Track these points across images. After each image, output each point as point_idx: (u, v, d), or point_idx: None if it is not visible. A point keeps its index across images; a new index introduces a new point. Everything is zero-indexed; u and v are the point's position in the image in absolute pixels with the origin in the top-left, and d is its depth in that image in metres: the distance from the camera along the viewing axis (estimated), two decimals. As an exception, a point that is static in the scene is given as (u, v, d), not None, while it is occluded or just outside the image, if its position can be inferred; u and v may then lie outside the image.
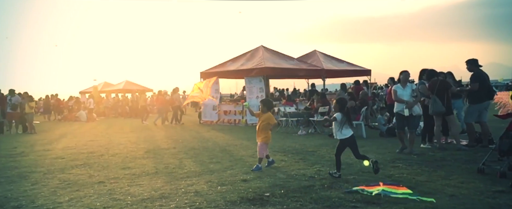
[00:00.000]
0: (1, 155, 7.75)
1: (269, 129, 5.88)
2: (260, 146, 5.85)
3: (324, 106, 11.10)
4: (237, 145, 8.66)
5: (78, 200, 4.26)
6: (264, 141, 5.84)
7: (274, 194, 4.33)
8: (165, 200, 4.20)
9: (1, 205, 4.08)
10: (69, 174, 5.67)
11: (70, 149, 8.50)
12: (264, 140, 5.84)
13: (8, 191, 4.71)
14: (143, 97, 18.87)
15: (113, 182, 5.12)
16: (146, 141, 9.88)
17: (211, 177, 5.28)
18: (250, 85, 14.58)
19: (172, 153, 7.60)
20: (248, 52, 16.08)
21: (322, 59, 16.42)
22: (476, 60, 7.28)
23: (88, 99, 22.30)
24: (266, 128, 5.85)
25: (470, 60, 7.30)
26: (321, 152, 7.23)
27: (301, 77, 19.21)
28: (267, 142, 5.88)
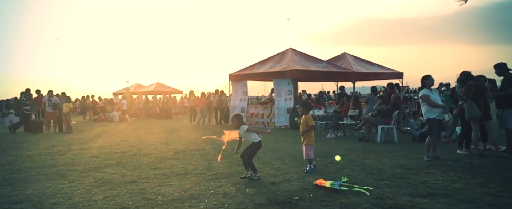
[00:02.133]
0: (40, 153, 8.12)
1: (309, 131, 5.85)
2: (304, 149, 5.86)
3: (355, 109, 10.90)
4: (265, 148, 8.58)
5: (112, 198, 4.38)
6: (306, 143, 5.85)
7: (303, 198, 4.28)
8: (195, 201, 4.25)
9: (40, 202, 4.27)
10: (103, 173, 5.86)
11: (104, 149, 8.79)
12: (306, 142, 5.86)
13: (47, 188, 4.92)
14: (192, 98, 19.17)
15: (145, 181, 5.23)
16: (176, 142, 10.05)
17: (239, 179, 5.29)
18: (278, 88, 14.55)
19: (201, 154, 7.69)
20: (277, 54, 16.07)
21: (352, 62, 16.15)
22: (505, 64, 7.01)
23: (121, 100, 23.04)
24: (306, 129, 5.86)
25: (498, 64, 7.02)
26: (351, 156, 7.09)
27: (330, 80, 18.98)
28: (309, 143, 5.84)
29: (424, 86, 6.76)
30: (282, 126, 14.11)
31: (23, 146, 9.67)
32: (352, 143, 8.99)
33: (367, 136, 9.50)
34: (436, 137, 6.62)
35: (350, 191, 4.52)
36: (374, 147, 8.31)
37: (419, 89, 8.31)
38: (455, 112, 7.61)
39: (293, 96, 14.18)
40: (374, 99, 11.06)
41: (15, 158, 7.50)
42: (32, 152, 8.40)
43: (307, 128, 5.82)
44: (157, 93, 28.15)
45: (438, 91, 6.91)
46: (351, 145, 8.59)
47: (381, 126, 9.34)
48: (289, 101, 14.13)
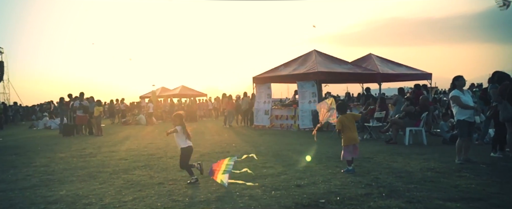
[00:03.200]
0: (72, 156, 8.43)
1: (346, 131, 5.88)
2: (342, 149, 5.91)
3: (381, 111, 10.68)
4: (289, 150, 8.62)
5: (141, 200, 4.49)
6: (343, 144, 5.88)
7: (329, 201, 4.24)
8: (221, 203, 4.29)
9: (74, 202, 4.43)
10: (132, 175, 6.01)
11: (132, 151, 9.02)
12: (343, 143, 5.89)
13: (80, 189, 5.10)
14: (225, 100, 19.44)
15: (172, 183, 5.33)
16: (201, 144, 10.17)
17: (265, 182, 5.30)
18: (302, 90, 14.48)
19: (226, 157, 7.73)
20: (301, 56, 16.01)
21: (377, 63, 15.85)
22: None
23: (147, 103, 23.55)
24: (342, 130, 5.90)
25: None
26: (377, 159, 6.95)
27: (356, 81, 18.72)
28: (346, 144, 5.85)
29: (454, 87, 6.55)
30: (306, 128, 14.01)
31: (56, 148, 10.06)
32: (379, 146, 8.82)
33: (395, 138, 9.29)
34: (467, 139, 6.38)
35: (379, 195, 4.43)
36: (402, 150, 8.11)
37: (449, 90, 8.06)
38: (489, 114, 7.32)
39: (317, 99, 14.07)
40: (401, 100, 10.81)
41: (49, 160, 7.81)
42: (64, 154, 8.73)
43: (342, 128, 5.92)
44: (182, 96, 28.60)
45: (470, 92, 6.65)
46: (377, 148, 8.43)
47: (409, 128, 9.12)
48: (313, 104, 14.01)
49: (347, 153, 5.83)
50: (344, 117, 5.98)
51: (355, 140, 5.89)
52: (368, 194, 4.46)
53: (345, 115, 6.01)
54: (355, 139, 5.91)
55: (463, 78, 6.57)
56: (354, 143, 5.87)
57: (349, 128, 5.90)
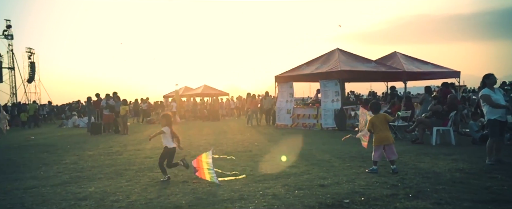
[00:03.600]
0: (100, 153, 8.68)
1: (377, 131, 5.80)
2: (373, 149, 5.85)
3: (407, 110, 10.43)
4: (312, 149, 8.56)
5: (166, 197, 4.57)
6: (373, 144, 5.80)
7: (354, 201, 4.18)
8: (244, 202, 4.30)
9: (102, 199, 4.56)
10: (157, 173, 6.12)
11: (157, 149, 9.17)
12: (373, 143, 5.81)
13: (107, 186, 5.25)
14: (249, 100, 19.59)
15: (196, 182, 5.39)
16: (224, 143, 10.26)
17: (288, 181, 5.28)
18: (325, 89, 14.33)
19: (248, 156, 7.78)
20: (323, 55, 15.87)
21: (403, 61, 15.51)
22: None
23: (170, 103, 23.96)
24: (373, 130, 5.84)
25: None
26: (403, 159, 6.79)
27: (380, 80, 18.38)
28: (377, 144, 5.76)
29: (485, 85, 6.32)
30: (329, 128, 13.87)
31: (84, 146, 10.39)
32: (405, 145, 8.62)
33: (421, 138, 9.05)
34: (498, 139, 6.15)
35: (405, 195, 4.33)
36: (429, 150, 7.90)
37: (479, 89, 7.77)
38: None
39: (340, 98, 13.91)
40: (428, 99, 10.52)
41: (78, 158, 8.08)
42: (92, 152, 9.00)
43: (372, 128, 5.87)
44: (204, 95, 28.89)
45: (502, 90, 6.39)
46: (403, 148, 8.24)
47: (436, 128, 8.87)
48: (336, 103, 13.87)
49: (377, 154, 5.72)
50: (375, 117, 5.88)
51: (386, 140, 5.74)
52: (394, 195, 4.37)
53: (377, 115, 5.90)
54: (386, 139, 5.75)
55: (494, 76, 6.33)
56: (386, 143, 5.72)
57: (380, 128, 5.77)
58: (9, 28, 30.59)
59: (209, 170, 5.24)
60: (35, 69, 32.74)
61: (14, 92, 31.55)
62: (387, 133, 5.83)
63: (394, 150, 5.75)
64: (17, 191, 5.04)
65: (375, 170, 5.65)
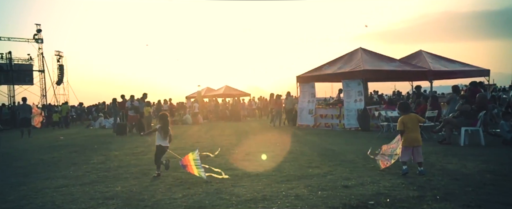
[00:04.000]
0: (125, 154, 8.88)
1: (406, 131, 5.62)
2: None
3: (434, 110, 10.16)
4: (335, 150, 8.47)
5: (190, 197, 4.63)
6: (402, 145, 5.63)
7: (379, 203, 4.11)
8: (267, 202, 4.30)
9: (128, 198, 4.67)
10: (181, 173, 6.20)
11: (180, 150, 9.30)
12: (402, 144, 5.64)
13: (133, 185, 5.37)
14: (273, 100, 19.68)
15: (219, 182, 5.43)
16: (245, 144, 10.30)
17: (311, 182, 5.25)
18: (348, 89, 14.16)
19: (270, 156, 7.78)
20: (346, 55, 15.69)
21: (429, 60, 15.13)
22: None
23: (193, 103, 24.26)
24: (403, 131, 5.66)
25: None
26: (430, 160, 6.62)
27: (405, 79, 17.99)
28: (404, 145, 5.59)
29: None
30: (352, 128, 13.69)
31: (110, 146, 10.66)
32: (431, 146, 8.39)
33: (449, 139, 8.79)
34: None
35: (432, 197, 4.22)
36: (457, 151, 7.66)
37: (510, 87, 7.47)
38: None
39: (363, 97, 13.70)
40: (456, 99, 10.21)
41: (105, 158, 8.30)
42: (118, 152, 9.22)
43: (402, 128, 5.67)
44: (226, 96, 29.10)
45: None
46: (430, 148, 8.03)
47: (464, 128, 8.59)
48: (360, 103, 13.67)
49: (405, 154, 5.55)
50: (406, 117, 5.70)
51: (416, 142, 5.57)
52: (421, 197, 4.26)
53: (408, 115, 5.72)
54: (416, 140, 5.58)
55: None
56: (415, 145, 5.55)
57: (411, 129, 5.59)
58: (39, 33, 31.76)
59: (197, 166, 5.59)
60: (63, 72, 33.88)
61: (44, 94, 32.72)
62: (417, 134, 5.65)
63: (421, 152, 5.59)
64: (48, 190, 5.23)
65: (406, 170, 5.46)
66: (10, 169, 7.24)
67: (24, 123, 15.16)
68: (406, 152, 5.56)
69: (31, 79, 32.77)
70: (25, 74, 32.36)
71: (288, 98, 18.04)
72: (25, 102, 15.55)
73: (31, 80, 32.74)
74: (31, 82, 32.71)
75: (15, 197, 4.90)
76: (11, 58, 30.77)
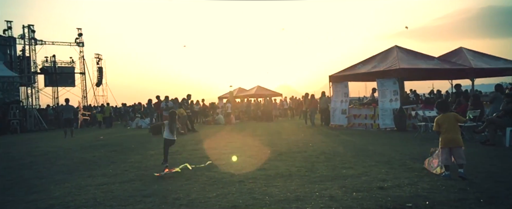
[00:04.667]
0: (161, 153, 9.03)
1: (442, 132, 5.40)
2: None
3: (476, 110, 9.68)
4: (370, 151, 8.27)
5: (223, 196, 4.69)
6: (440, 146, 5.41)
7: (417, 205, 3.97)
8: (301, 203, 4.28)
9: (165, 196, 4.80)
10: (214, 172, 6.31)
11: (213, 149, 9.47)
12: (439, 145, 5.41)
13: (169, 184, 5.51)
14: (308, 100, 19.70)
15: (252, 182, 5.47)
16: (278, 144, 10.28)
17: (345, 183, 5.16)
18: (382, 88, 13.79)
19: (303, 156, 7.72)
20: (381, 53, 15.31)
21: (470, 57, 14.43)
22: None
23: (225, 104, 24.54)
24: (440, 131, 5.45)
25: None
26: (472, 162, 6.30)
27: (443, 78, 17.28)
28: (441, 146, 5.36)
29: None
30: (388, 128, 13.31)
31: (147, 146, 11.00)
32: (473, 147, 8.00)
33: (492, 140, 8.35)
34: None
35: (475, 200, 4.03)
36: (501, 152, 7.27)
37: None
38: None
39: (399, 97, 13.29)
40: (500, 98, 9.67)
41: (142, 157, 8.58)
42: (154, 151, 9.50)
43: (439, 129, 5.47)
44: (258, 96, 29.19)
45: None
46: (472, 149, 7.65)
47: (509, 128, 8.12)
48: (395, 102, 13.27)
49: (443, 157, 5.28)
50: (443, 116, 5.46)
51: (453, 142, 5.28)
52: (463, 200, 4.08)
53: (446, 114, 5.47)
54: (454, 140, 5.28)
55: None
56: (453, 146, 5.26)
57: (447, 129, 5.33)
58: (80, 36, 33.35)
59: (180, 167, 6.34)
60: (102, 74, 35.38)
61: (84, 95, 34.31)
62: (456, 134, 5.34)
63: (462, 154, 5.27)
64: (90, 187, 5.48)
65: (448, 175, 5.16)
66: (55, 167, 7.65)
67: (67, 123, 15.95)
68: (444, 154, 5.29)
69: (73, 81, 34.50)
70: (68, 76, 34.13)
71: (322, 98, 17.90)
72: (68, 104, 16.35)
73: (73, 82, 34.47)
74: (73, 84, 34.43)
75: (60, 193, 5.18)
76: (55, 62, 32.53)
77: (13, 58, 25.48)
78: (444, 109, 5.60)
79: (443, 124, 5.40)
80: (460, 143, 5.32)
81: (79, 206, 4.50)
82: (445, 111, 5.57)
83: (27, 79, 25.30)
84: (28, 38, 28.53)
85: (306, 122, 17.73)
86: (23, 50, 27.82)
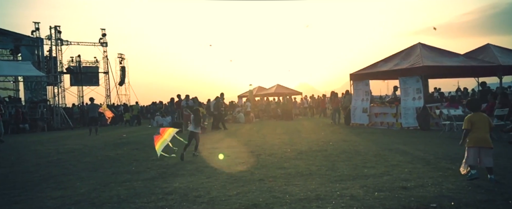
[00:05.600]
0: (181, 148, 9.24)
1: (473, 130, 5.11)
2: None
3: (504, 108, 9.36)
4: (392, 150, 8.12)
5: (244, 195, 4.71)
6: (467, 145, 5.14)
7: (442, 206, 3.87)
8: (322, 202, 4.25)
9: (186, 194, 4.87)
10: (234, 171, 6.34)
11: (233, 148, 9.52)
12: (468, 144, 5.14)
13: (190, 182, 5.58)
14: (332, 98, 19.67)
15: (272, 180, 5.47)
16: (298, 142, 10.23)
17: (367, 182, 5.09)
18: (405, 86, 13.51)
19: (324, 155, 7.66)
20: (403, 51, 15.00)
21: (497, 54, 13.96)
22: None
23: (245, 102, 24.62)
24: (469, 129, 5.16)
25: None
26: (500, 161, 6.09)
27: (469, 75, 16.77)
28: (470, 145, 5.08)
29: None
30: (411, 127, 13.03)
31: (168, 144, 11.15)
32: (501, 147, 7.73)
33: (521, 139, 8.04)
34: None
35: (503, 201, 3.89)
36: (532, 152, 6.99)
37: None
38: None
39: (422, 95, 12.98)
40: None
41: (162, 155, 8.71)
42: (175, 149, 9.62)
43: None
44: (277, 95, 29.16)
45: None
46: (499, 149, 7.39)
47: (540, 127, 7.80)
48: (418, 101, 12.97)
49: (470, 156, 5.01)
50: (476, 115, 5.17)
51: (484, 142, 4.99)
52: (490, 201, 3.95)
53: (478, 114, 5.20)
54: (485, 140, 5.00)
55: None
56: (483, 145, 4.98)
57: (479, 128, 5.04)
58: (104, 37, 34.16)
59: (163, 142, 6.87)
60: (125, 73, 36.13)
61: (108, 94, 35.15)
62: (487, 135, 5.06)
63: (491, 156, 4.97)
64: (113, 184, 5.62)
65: (475, 174, 4.89)
66: (81, 164, 7.88)
67: (92, 121, 16.39)
68: (471, 154, 5.04)
69: (97, 80, 35.37)
70: (92, 76, 35.01)
71: (346, 96, 17.74)
72: (93, 102, 16.79)
73: (97, 82, 35.35)
74: (97, 84, 35.30)
75: (86, 190, 5.33)
76: (80, 62, 33.45)
77: (40, 58, 26.34)
78: (476, 108, 5.38)
79: (475, 123, 5.09)
80: (490, 144, 5.03)
81: (103, 202, 4.62)
82: (477, 110, 5.36)
83: (54, 79, 26.11)
84: (55, 39, 29.42)
85: (335, 121, 17.69)
86: (50, 50, 28.70)
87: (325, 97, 26.88)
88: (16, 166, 7.96)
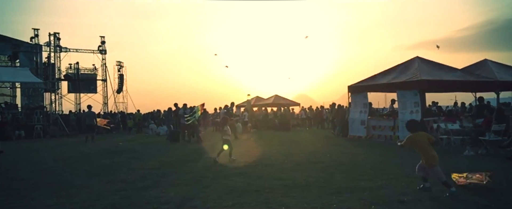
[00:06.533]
0: (179, 160, 9.20)
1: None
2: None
3: (500, 124, 9.39)
4: (389, 163, 8.10)
5: (240, 205, 4.67)
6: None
7: (439, 222, 3.84)
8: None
9: (181, 204, 4.82)
10: (231, 181, 6.30)
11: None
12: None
13: (186, 192, 5.53)
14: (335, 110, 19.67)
15: (268, 191, 5.43)
16: (295, 153, 10.19)
17: (364, 195, 5.06)
18: (403, 100, 13.54)
19: (321, 167, 7.63)
20: (401, 64, 15.08)
21: (495, 70, 14.06)
22: None
23: (242, 112, 24.56)
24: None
25: None
26: (497, 177, 6.07)
27: (467, 90, 16.87)
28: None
29: None
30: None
31: (164, 153, 11.11)
32: (498, 162, 7.73)
33: (518, 154, 8.04)
34: None
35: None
36: (529, 168, 6.98)
37: None
38: None
39: (420, 109, 13.00)
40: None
41: (159, 164, 8.66)
42: (172, 158, 9.58)
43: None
44: (275, 105, 29.13)
45: None
46: (496, 165, 7.39)
47: (537, 143, 7.81)
48: (416, 114, 12.98)
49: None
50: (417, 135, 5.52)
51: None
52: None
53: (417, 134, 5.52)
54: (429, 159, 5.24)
55: None
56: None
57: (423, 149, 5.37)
58: (103, 44, 34.24)
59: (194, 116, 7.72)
60: (123, 81, 36.11)
61: (105, 102, 35.07)
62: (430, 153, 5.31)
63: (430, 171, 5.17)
64: (108, 193, 5.55)
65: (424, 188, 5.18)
66: (76, 171, 7.80)
67: (88, 129, 16.29)
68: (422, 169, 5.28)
69: (95, 88, 35.31)
70: (90, 83, 34.96)
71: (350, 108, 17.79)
72: (90, 110, 16.71)
73: (95, 89, 35.28)
74: (95, 91, 35.23)
75: (80, 198, 5.26)
76: (78, 69, 33.43)
77: (39, 65, 26.33)
78: (414, 129, 5.56)
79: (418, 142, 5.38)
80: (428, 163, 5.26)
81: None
82: (415, 131, 5.54)
83: (51, 86, 26.06)
84: (54, 46, 29.47)
85: (336, 133, 17.73)
86: (49, 57, 28.73)
87: (323, 108, 26.89)
88: (9, 173, 7.87)
